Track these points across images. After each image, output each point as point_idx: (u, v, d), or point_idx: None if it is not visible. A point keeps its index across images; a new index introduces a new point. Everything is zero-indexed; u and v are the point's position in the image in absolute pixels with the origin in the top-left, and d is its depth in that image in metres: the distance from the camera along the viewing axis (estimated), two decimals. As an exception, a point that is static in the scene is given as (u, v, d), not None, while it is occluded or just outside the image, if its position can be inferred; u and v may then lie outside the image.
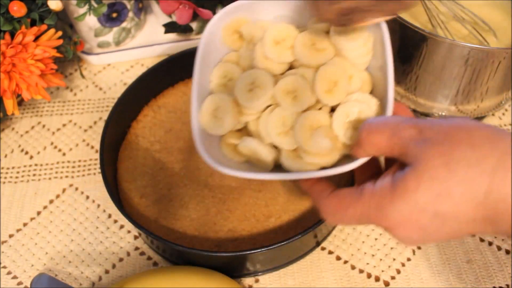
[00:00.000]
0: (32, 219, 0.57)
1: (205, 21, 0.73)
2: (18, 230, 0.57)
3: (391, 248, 0.54)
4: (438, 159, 0.30)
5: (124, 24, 0.71)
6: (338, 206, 0.36)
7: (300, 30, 0.44)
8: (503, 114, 0.66)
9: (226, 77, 0.45)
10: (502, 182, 0.29)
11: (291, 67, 0.45)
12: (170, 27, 0.72)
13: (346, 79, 0.41)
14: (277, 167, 0.44)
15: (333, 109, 0.42)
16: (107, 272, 0.53)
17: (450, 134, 0.31)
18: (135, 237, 0.55)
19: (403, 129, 0.33)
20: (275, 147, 0.43)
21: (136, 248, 0.55)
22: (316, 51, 0.43)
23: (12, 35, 0.56)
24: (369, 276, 0.52)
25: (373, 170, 0.39)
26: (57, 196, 0.59)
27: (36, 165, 0.62)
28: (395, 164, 0.35)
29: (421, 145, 0.32)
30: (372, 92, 0.43)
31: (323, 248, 0.54)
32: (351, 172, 0.41)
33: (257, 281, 0.52)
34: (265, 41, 0.43)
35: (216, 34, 0.46)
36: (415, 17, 0.58)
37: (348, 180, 0.54)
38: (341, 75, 0.41)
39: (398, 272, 0.52)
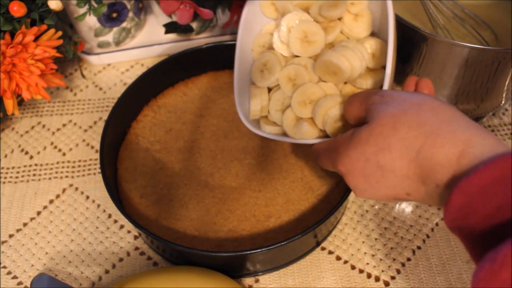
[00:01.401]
0: (32, 219, 0.57)
1: (206, 21, 0.73)
2: (18, 230, 0.57)
3: (391, 248, 0.54)
4: (389, 119, 0.36)
5: (124, 24, 0.71)
6: (319, 146, 0.45)
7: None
8: (503, 114, 0.66)
9: (264, 46, 0.53)
10: (431, 144, 0.34)
11: None
12: (170, 27, 0.72)
13: (346, 69, 0.46)
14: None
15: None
16: (107, 272, 0.53)
17: (404, 101, 0.37)
18: (135, 237, 0.55)
19: (370, 96, 0.40)
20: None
21: (136, 248, 0.55)
22: (308, 43, 0.48)
23: (12, 35, 0.56)
24: (369, 276, 0.52)
25: None
26: (57, 196, 0.59)
27: (36, 165, 0.62)
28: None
29: (379, 107, 0.38)
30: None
31: (323, 248, 0.54)
32: None
33: (257, 281, 0.52)
34: (281, 28, 0.49)
35: (255, 7, 0.53)
36: (415, 17, 0.58)
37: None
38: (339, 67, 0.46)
39: (398, 272, 0.52)
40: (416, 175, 0.35)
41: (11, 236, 0.56)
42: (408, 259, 0.53)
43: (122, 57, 0.74)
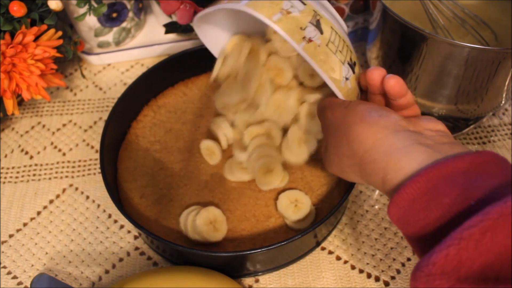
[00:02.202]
0: (32, 219, 0.57)
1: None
2: (18, 230, 0.57)
3: (391, 248, 0.54)
4: (334, 149, 0.42)
5: (124, 24, 0.71)
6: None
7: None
8: (503, 114, 0.66)
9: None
10: (362, 173, 0.39)
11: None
12: (170, 27, 0.72)
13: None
14: None
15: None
16: (107, 272, 0.53)
17: (337, 128, 0.41)
18: (135, 237, 0.55)
19: (321, 115, 0.45)
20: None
21: (136, 248, 0.55)
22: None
23: (12, 35, 0.56)
24: (369, 276, 0.52)
25: None
26: (57, 196, 0.59)
27: (36, 165, 0.62)
28: None
29: (326, 131, 0.43)
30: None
31: (323, 248, 0.54)
32: None
33: (257, 281, 0.52)
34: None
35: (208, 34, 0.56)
36: (415, 17, 0.58)
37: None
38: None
39: (398, 272, 0.52)
40: (369, 184, 0.40)
41: (11, 236, 0.56)
42: (408, 259, 0.53)
43: (122, 57, 0.74)
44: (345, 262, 0.53)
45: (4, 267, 0.54)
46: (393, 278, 0.51)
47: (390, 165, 0.36)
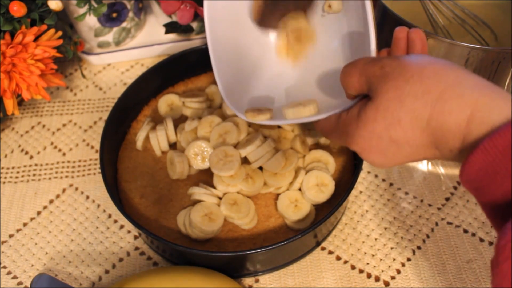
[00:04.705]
0: (32, 219, 0.57)
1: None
2: (18, 230, 0.57)
3: (391, 248, 0.54)
4: (392, 93, 0.35)
5: (124, 24, 0.71)
6: (327, 127, 0.44)
7: None
8: (503, 114, 0.66)
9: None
10: (439, 112, 0.33)
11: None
12: (170, 27, 0.72)
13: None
14: None
15: None
16: (107, 272, 0.53)
17: (405, 69, 0.35)
18: (135, 237, 0.55)
19: (368, 68, 0.38)
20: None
21: (136, 248, 0.55)
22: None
23: (12, 35, 0.56)
24: (369, 276, 0.52)
25: None
26: (57, 196, 0.59)
27: (36, 165, 0.62)
28: (365, 98, 0.40)
29: (380, 80, 0.36)
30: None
31: (323, 248, 0.54)
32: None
33: (257, 281, 0.52)
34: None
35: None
36: (415, 17, 0.58)
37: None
38: None
39: (398, 272, 0.52)
40: (430, 143, 0.35)
41: (11, 236, 0.56)
42: (408, 259, 0.53)
43: (122, 57, 0.74)
44: (345, 262, 0.53)
45: (4, 267, 0.54)
46: (393, 278, 0.51)
47: (482, 100, 0.32)
